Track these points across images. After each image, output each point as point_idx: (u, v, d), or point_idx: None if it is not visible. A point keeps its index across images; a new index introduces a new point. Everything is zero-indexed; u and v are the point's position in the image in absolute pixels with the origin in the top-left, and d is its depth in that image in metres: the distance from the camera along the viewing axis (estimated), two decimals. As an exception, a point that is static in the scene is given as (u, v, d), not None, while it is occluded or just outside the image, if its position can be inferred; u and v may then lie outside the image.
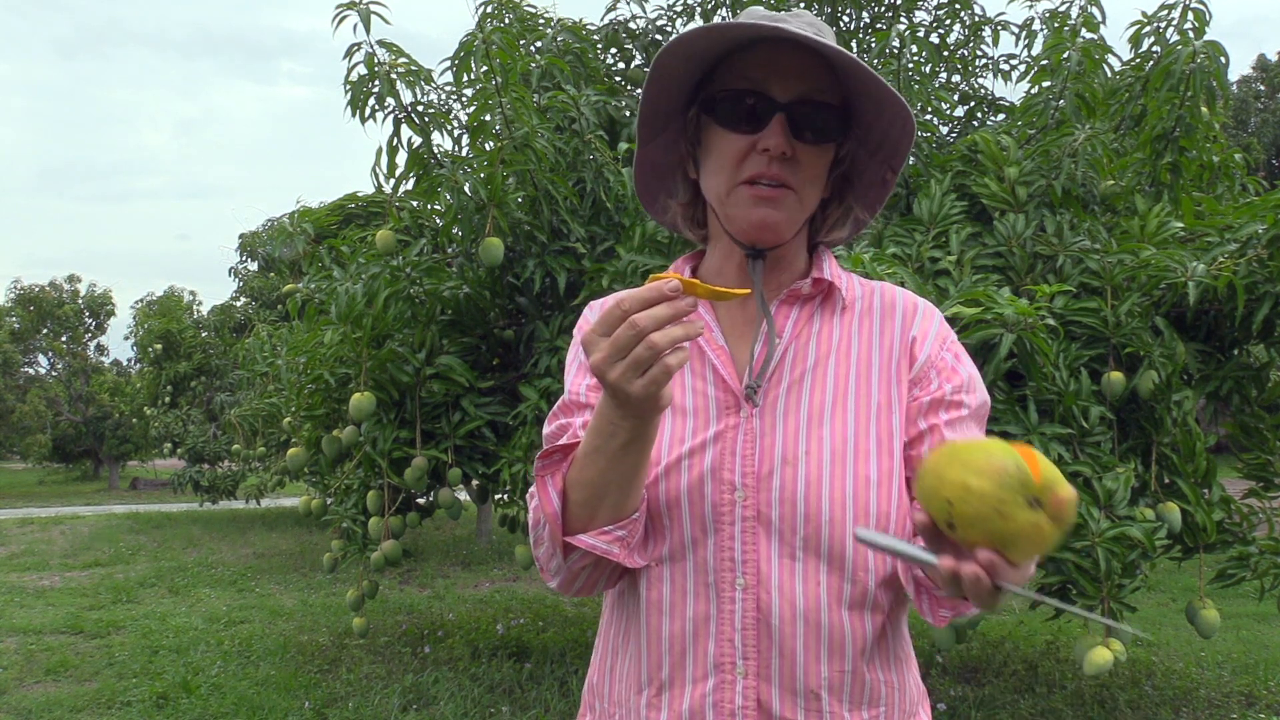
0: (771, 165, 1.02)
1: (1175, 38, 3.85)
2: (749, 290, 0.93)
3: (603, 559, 1.01)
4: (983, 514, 0.75)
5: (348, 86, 3.64)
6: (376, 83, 3.62)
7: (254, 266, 14.88)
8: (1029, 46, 4.70)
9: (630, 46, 5.06)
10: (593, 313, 1.16)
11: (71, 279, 23.89)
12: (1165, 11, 3.89)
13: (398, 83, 3.63)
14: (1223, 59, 3.61)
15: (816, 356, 1.06)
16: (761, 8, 1.09)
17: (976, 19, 4.90)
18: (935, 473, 0.79)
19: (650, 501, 1.03)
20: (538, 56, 4.37)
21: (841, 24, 5.06)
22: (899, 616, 1.07)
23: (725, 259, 1.12)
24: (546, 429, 1.11)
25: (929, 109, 4.33)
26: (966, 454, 0.77)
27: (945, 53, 4.88)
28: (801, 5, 4.89)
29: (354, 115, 3.66)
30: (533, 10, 4.63)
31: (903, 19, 4.85)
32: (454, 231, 3.89)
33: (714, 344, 1.08)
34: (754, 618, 1.00)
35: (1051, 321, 2.90)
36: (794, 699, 1.00)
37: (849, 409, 1.03)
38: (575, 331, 1.17)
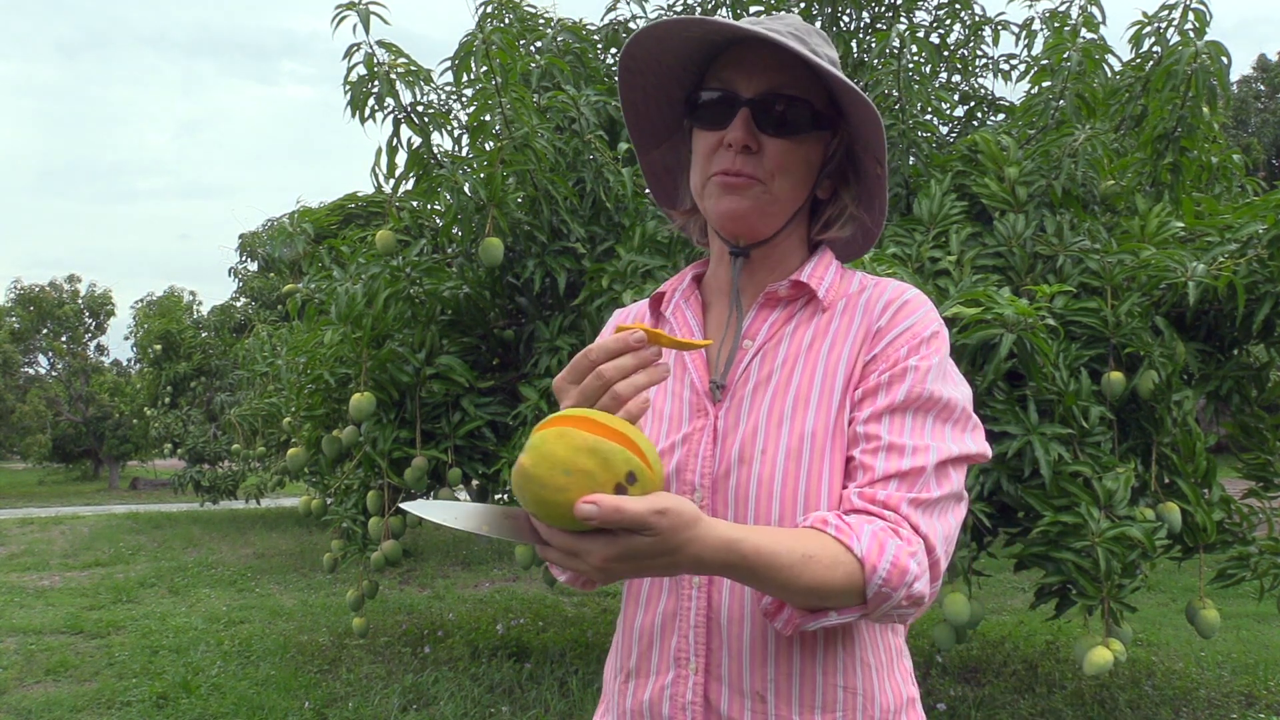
0: (736, 160, 1.04)
1: (1176, 38, 3.85)
2: (711, 341, 0.96)
3: None
4: None
5: (347, 87, 3.64)
6: (376, 83, 3.62)
7: (254, 266, 14.84)
8: (1029, 46, 4.70)
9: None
10: (617, 319, 1.21)
11: (71, 279, 23.90)
12: (1166, 12, 3.89)
13: (397, 83, 3.63)
14: (1225, 59, 3.60)
15: (785, 356, 1.05)
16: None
17: (976, 19, 4.89)
18: None
19: None
20: (538, 56, 4.37)
21: (841, 24, 5.05)
22: (863, 621, 1.02)
23: (719, 261, 1.14)
24: None
25: (929, 109, 4.32)
26: None
27: (945, 53, 4.87)
28: (801, 6, 4.89)
29: (354, 115, 3.66)
30: (533, 10, 4.63)
31: (903, 19, 4.85)
32: (454, 231, 3.89)
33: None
34: (704, 616, 1.01)
35: (1051, 321, 2.89)
36: (740, 698, 1.00)
37: (812, 407, 1.02)
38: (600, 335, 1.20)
